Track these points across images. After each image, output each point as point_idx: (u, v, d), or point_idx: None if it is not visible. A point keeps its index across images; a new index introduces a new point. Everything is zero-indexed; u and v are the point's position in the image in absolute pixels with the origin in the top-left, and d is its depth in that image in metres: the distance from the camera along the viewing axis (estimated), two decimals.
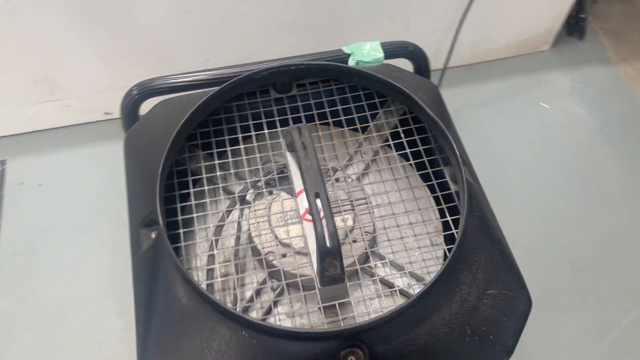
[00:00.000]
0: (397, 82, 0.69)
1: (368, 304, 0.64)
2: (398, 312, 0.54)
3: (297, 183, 0.67)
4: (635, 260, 1.47)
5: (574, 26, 1.76)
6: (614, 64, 1.78)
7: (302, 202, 0.66)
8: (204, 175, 0.67)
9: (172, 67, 1.50)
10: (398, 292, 0.63)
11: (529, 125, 1.68)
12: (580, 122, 1.68)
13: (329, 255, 0.57)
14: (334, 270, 0.58)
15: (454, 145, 0.63)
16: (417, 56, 0.82)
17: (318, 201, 0.59)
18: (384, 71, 0.74)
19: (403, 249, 0.67)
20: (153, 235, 0.62)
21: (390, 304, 0.64)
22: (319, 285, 0.60)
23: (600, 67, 1.77)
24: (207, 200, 0.66)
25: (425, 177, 0.71)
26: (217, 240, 0.65)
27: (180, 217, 0.64)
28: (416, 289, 0.64)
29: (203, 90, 0.74)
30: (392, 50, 0.81)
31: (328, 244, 0.57)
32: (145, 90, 0.76)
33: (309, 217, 0.65)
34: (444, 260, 0.66)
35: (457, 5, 1.53)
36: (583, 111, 1.70)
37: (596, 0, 1.71)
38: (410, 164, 0.70)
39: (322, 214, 0.58)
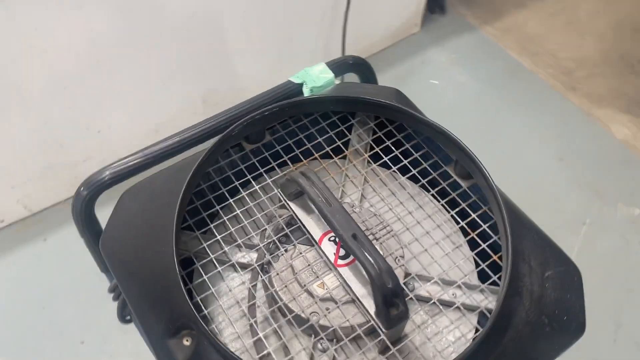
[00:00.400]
0: (370, 97, 0.66)
1: (425, 331, 0.61)
2: (487, 333, 0.51)
3: (315, 231, 0.61)
4: (555, 194, 1.59)
5: (434, 3, 1.86)
6: (477, 28, 1.91)
7: (328, 249, 0.61)
8: (212, 257, 0.59)
9: (60, 148, 1.35)
10: (462, 307, 0.60)
11: (428, 104, 1.74)
12: (468, 88, 1.78)
13: (391, 294, 0.53)
14: (397, 309, 0.54)
15: (460, 141, 0.61)
16: (361, 67, 0.81)
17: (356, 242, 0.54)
18: (347, 90, 0.71)
19: (432, 260, 0.65)
20: (187, 342, 0.53)
21: (445, 323, 0.61)
22: (383, 330, 0.55)
23: (467, 34, 1.89)
24: (226, 282, 0.58)
25: (426, 185, 0.69)
26: (256, 322, 0.58)
27: (206, 311, 0.56)
28: (464, 298, 0.61)
29: (168, 167, 0.66)
30: (337, 68, 0.78)
31: (389, 284, 0.52)
32: (96, 186, 0.66)
33: (342, 262, 0.60)
34: (473, 258, 0.65)
35: (332, 11, 1.55)
36: (467, 78, 1.80)
37: None
38: (414, 174, 0.67)
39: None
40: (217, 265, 0.59)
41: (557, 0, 1.97)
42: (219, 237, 0.60)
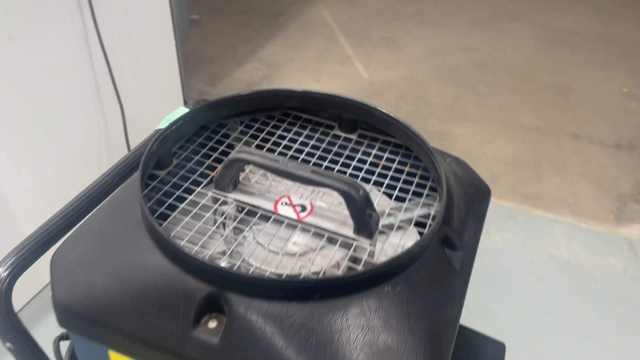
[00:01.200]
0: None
1: (387, 253, 0.67)
2: (446, 197, 0.62)
3: (266, 204, 0.65)
4: None
5: None
6: None
7: (286, 211, 0.65)
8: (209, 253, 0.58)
9: None
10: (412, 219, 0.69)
11: None
12: None
13: (365, 201, 0.60)
14: (371, 216, 0.61)
15: (343, 95, 0.74)
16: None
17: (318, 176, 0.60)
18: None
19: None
20: (213, 325, 0.52)
21: (397, 241, 0.69)
22: (370, 240, 0.61)
23: None
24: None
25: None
26: None
27: None
28: (398, 219, 0.70)
29: (97, 211, 0.64)
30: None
31: (360, 191, 0.59)
32: (20, 262, 0.60)
33: (304, 213, 0.65)
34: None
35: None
36: None
37: None
38: (309, 152, 0.76)
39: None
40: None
41: None
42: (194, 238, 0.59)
